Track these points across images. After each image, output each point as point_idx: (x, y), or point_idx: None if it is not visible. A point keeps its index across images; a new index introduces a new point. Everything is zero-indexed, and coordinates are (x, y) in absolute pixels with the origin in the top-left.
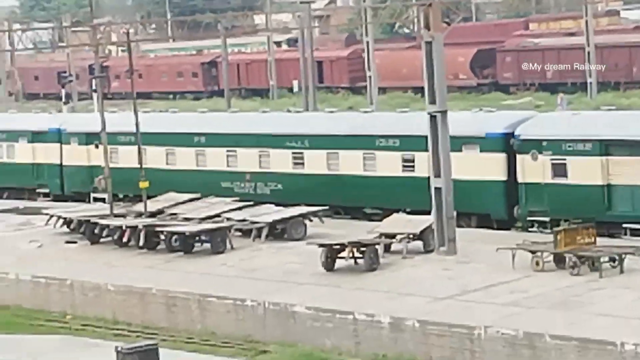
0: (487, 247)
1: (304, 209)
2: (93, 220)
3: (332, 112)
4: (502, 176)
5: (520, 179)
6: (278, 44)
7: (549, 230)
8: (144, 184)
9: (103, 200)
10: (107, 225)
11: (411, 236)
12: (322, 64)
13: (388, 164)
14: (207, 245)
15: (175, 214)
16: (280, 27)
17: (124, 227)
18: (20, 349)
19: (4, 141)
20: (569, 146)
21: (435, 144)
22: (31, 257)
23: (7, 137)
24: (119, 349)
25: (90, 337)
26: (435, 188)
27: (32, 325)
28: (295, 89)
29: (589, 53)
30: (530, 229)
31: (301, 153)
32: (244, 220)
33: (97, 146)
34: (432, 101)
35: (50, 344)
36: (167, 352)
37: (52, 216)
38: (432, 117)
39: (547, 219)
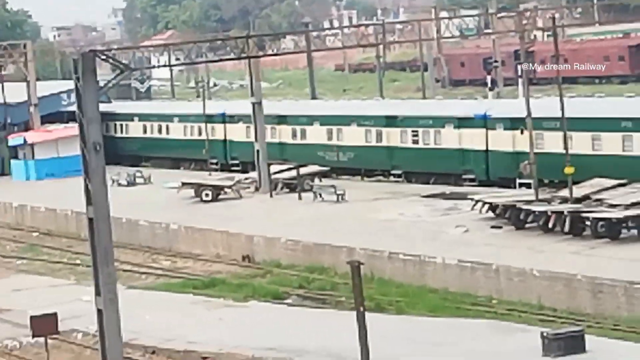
0: None
1: None
2: (518, 205)
3: None
4: None
5: None
6: None
7: None
8: (569, 170)
9: (528, 185)
10: (532, 211)
11: None
12: None
13: None
14: (634, 232)
15: (601, 199)
16: None
17: (549, 213)
18: (448, 333)
19: (431, 127)
20: None
21: None
22: (457, 241)
23: (433, 123)
24: (545, 334)
25: (515, 321)
26: None
27: (459, 308)
28: None
29: None
30: None
31: None
32: None
33: (522, 131)
34: None
35: (476, 328)
36: (593, 338)
37: (477, 201)
38: None
39: None
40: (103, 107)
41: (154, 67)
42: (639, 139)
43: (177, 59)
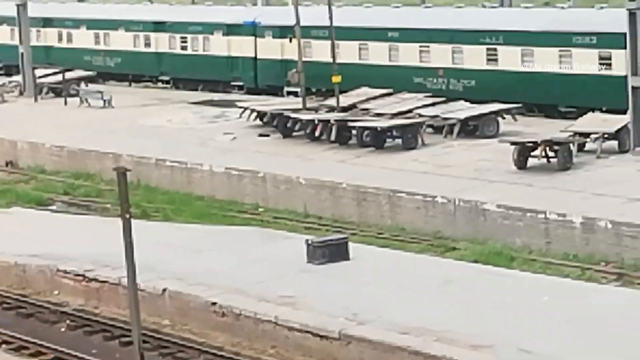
0: None
1: (496, 106)
2: (286, 113)
3: (527, 7)
4: None
5: None
6: None
7: None
8: (336, 78)
9: (296, 93)
10: (300, 119)
11: (606, 135)
12: None
13: (584, 62)
14: (399, 141)
15: (367, 109)
16: None
17: (316, 121)
18: (214, 239)
19: (200, 33)
20: None
21: (634, 42)
22: (225, 149)
23: (202, 30)
24: (310, 241)
25: (281, 229)
26: (633, 87)
27: (226, 216)
28: None
29: None
30: None
31: (495, 49)
32: (436, 116)
33: (290, 40)
34: None
35: (242, 235)
36: (357, 246)
37: (245, 109)
38: (632, 14)
39: None
40: None
41: None
42: (404, 49)
43: None
